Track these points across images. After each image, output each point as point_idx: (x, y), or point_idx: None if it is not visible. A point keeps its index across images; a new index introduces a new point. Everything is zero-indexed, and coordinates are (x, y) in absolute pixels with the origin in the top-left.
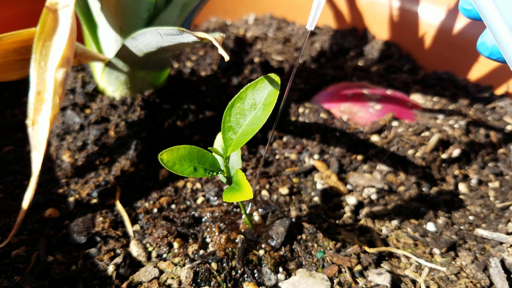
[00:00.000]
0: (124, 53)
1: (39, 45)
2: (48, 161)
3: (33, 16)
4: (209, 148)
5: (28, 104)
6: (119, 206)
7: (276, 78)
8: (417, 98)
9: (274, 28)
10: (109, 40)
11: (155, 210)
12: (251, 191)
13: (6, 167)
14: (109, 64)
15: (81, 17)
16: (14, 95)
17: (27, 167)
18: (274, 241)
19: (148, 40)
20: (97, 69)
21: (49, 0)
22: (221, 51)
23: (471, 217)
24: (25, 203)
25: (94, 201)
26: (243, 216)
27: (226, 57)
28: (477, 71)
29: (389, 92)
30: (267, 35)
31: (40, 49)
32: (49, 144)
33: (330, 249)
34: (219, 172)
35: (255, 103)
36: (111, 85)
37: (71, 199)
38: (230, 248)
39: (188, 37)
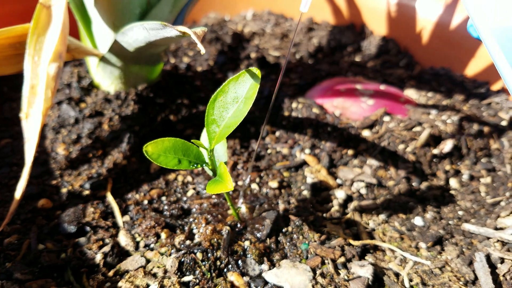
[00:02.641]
0: (116, 48)
1: (33, 40)
2: (44, 153)
3: (30, 14)
4: (192, 140)
5: (22, 97)
6: (110, 198)
7: (257, 72)
8: (410, 93)
9: (272, 24)
10: (103, 35)
11: (145, 202)
12: (231, 183)
13: (2, 159)
14: (103, 59)
15: (76, 13)
16: (13, 90)
17: (23, 159)
18: (260, 233)
19: (136, 34)
20: (92, 64)
21: None
22: (199, 45)
23: (460, 212)
24: (18, 193)
25: (86, 192)
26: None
27: (203, 50)
28: (474, 67)
29: (382, 87)
30: (265, 30)
31: (34, 44)
32: (44, 137)
33: (315, 241)
34: (204, 165)
35: (237, 96)
36: (106, 79)
37: (64, 190)
38: (215, 239)
39: (171, 31)
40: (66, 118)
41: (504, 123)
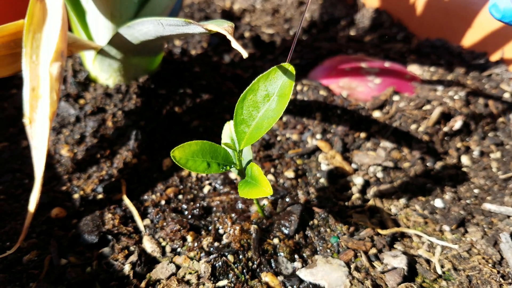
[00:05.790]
0: (117, 41)
1: (29, 38)
2: (47, 157)
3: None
4: (222, 143)
5: (23, 101)
6: (126, 201)
7: (290, 68)
8: (414, 69)
9: None
10: (99, 27)
11: (163, 202)
12: (270, 187)
13: (2, 165)
14: (101, 52)
15: (67, 3)
16: (1, 88)
17: (25, 164)
18: (287, 229)
19: (146, 29)
20: (88, 57)
21: None
22: (236, 45)
23: (476, 190)
24: (32, 206)
25: (100, 196)
26: (255, 205)
27: (245, 54)
28: (471, 37)
29: (386, 64)
30: (255, 6)
31: (30, 42)
32: None
33: (344, 234)
34: (232, 166)
35: (268, 94)
36: (104, 72)
37: (76, 196)
38: (245, 239)
39: (195, 28)
40: (66, 117)
41: (507, 95)
